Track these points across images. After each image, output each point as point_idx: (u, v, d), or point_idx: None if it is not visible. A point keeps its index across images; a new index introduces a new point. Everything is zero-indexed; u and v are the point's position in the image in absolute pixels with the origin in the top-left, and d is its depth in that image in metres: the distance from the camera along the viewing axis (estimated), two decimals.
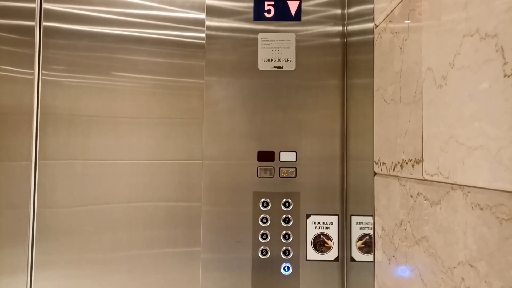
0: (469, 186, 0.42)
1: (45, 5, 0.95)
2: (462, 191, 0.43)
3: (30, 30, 0.95)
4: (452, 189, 0.45)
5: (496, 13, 0.37)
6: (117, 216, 0.93)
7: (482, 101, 0.39)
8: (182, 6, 0.96)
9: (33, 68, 0.94)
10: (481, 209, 0.39)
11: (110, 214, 0.93)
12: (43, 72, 0.95)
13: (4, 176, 0.93)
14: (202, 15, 0.95)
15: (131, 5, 0.96)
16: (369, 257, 0.90)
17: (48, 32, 0.95)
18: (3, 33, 0.94)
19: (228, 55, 0.94)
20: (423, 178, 0.54)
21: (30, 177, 0.93)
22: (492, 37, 0.38)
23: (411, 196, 0.58)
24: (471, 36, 0.42)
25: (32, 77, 0.94)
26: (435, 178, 0.50)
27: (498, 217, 0.36)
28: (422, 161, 0.54)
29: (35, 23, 0.95)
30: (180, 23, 0.96)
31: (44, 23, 0.95)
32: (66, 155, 0.94)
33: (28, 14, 0.95)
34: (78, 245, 0.93)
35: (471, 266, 0.41)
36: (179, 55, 0.95)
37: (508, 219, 0.35)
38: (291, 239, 0.92)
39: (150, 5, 0.96)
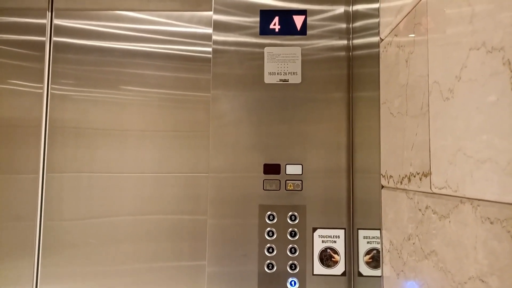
0: (479, 200, 0.41)
1: (56, 21, 0.97)
2: (471, 204, 0.43)
3: (40, 45, 0.97)
4: (461, 202, 0.45)
5: (502, 26, 0.37)
6: (123, 229, 0.93)
7: (490, 113, 0.39)
8: (189, 21, 0.98)
9: (42, 82, 0.96)
10: (491, 223, 0.39)
11: (115, 226, 0.93)
12: (52, 86, 0.96)
13: (12, 189, 0.94)
14: (209, 30, 0.97)
15: (139, 21, 0.98)
16: (377, 272, 0.89)
17: (58, 47, 0.97)
18: (14, 48, 0.96)
19: (235, 68, 0.95)
20: (431, 191, 0.53)
21: (37, 189, 0.94)
22: (499, 50, 0.38)
23: (419, 210, 0.57)
24: (478, 49, 0.42)
25: (42, 91, 0.96)
26: (443, 191, 0.49)
27: (509, 231, 0.36)
28: (430, 174, 0.53)
29: (45, 38, 0.97)
30: (187, 38, 0.97)
31: (54, 38, 0.97)
32: (73, 168, 0.94)
33: (39, 29, 0.97)
34: (84, 258, 0.92)
35: (482, 281, 0.40)
36: (186, 69, 0.97)
37: None
38: (297, 253, 0.91)
39: (158, 20, 0.98)
